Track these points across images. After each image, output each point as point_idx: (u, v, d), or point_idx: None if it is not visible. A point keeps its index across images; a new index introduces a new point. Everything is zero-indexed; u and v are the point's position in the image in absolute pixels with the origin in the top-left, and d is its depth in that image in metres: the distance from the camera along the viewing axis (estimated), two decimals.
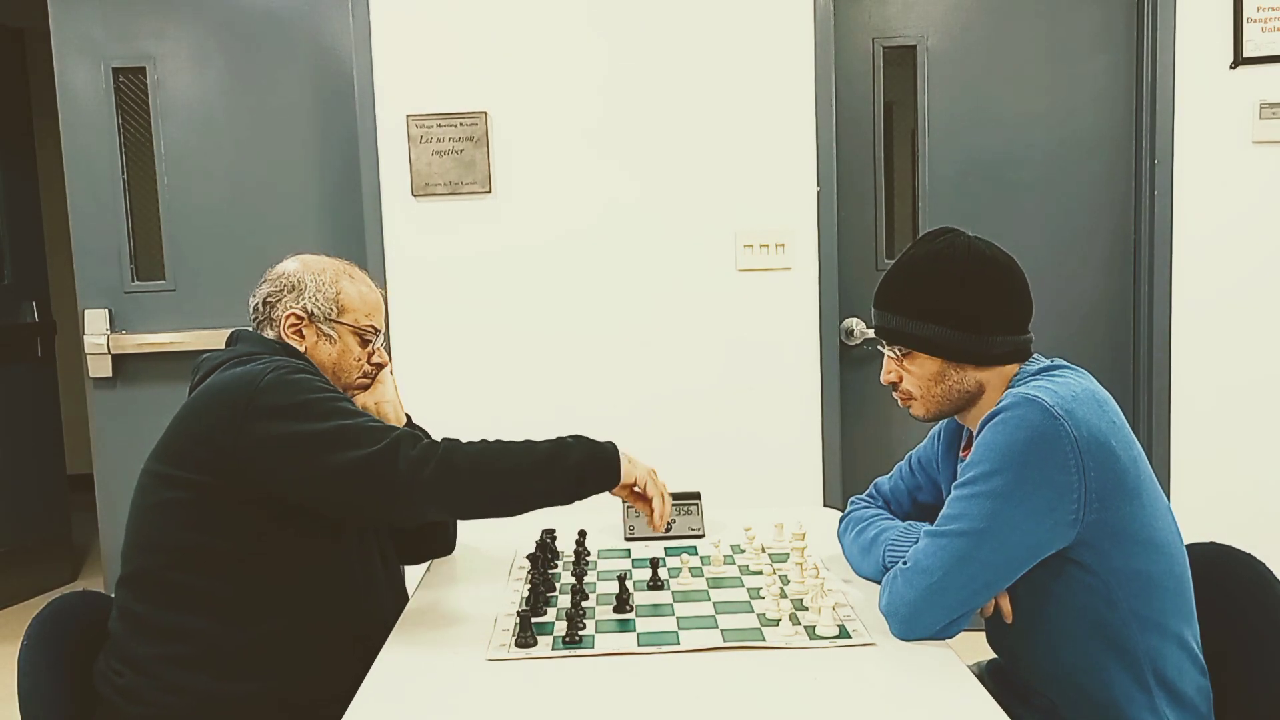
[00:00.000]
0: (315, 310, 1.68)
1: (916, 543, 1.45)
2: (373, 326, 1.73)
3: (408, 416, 1.81)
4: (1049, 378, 1.45)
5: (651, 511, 1.62)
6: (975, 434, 1.45)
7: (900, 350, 1.53)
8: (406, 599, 1.70)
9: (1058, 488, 1.34)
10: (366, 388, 1.76)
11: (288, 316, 1.67)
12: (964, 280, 1.48)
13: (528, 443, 1.53)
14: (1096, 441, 1.35)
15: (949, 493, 1.67)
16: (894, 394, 1.59)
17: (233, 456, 1.48)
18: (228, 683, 1.49)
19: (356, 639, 1.54)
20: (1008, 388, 1.48)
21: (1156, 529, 1.41)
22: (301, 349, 1.67)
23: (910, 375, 1.53)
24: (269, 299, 1.70)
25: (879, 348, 1.59)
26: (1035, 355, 1.53)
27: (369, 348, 1.73)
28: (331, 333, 1.69)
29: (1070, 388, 1.40)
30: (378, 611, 1.62)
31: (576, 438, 1.56)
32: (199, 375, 1.63)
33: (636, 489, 1.60)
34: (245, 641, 1.51)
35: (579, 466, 1.52)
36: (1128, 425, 1.44)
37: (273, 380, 1.50)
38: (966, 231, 1.53)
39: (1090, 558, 1.38)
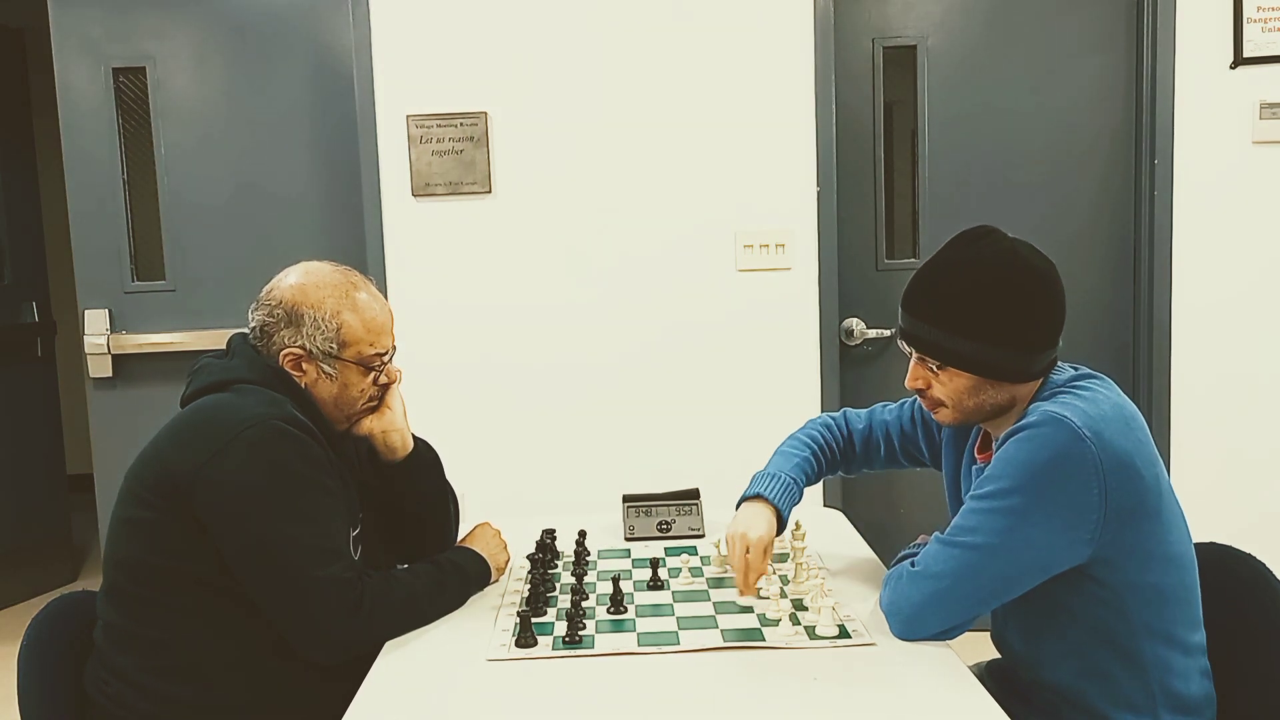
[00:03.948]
0: (314, 349, 1.59)
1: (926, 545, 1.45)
2: (378, 354, 1.63)
3: (414, 437, 1.75)
4: (1077, 392, 1.41)
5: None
6: (997, 442, 1.43)
7: (936, 365, 1.46)
8: None
9: (1077, 509, 1.32)
10: (375, 410, 1.69)
11: (286, 354, 1.59)
12: (1009, 295, 1.40)
13: (432, 571, 1.62)
14: (1121, 463, 1.33)
15: (942, 469, 1.67)
16: (920, 399, 1.54)
17: (189, 498, 1.45)
18: (212, 692, 1.48)
19: None
20: (1034, 397, 1.45)
21: (1172, 542, 1.40)
22: (301, 384, 1.61)
23: (943, 386, 1.47)
24: (266, 327, 1.60)
25: (903, 348, 1.51)
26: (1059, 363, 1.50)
27: (374, 374, 1.65)
28: (332, 370, 1.60)
29: (1099, 405, 1.37)
30: None
31: (454, 559, 1.67)
32: (191, 389, 1.59)
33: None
34: (225, 653, 1.49)
35: (477, 578, 1.68)
36: (1151, 440, 1.41)
37: (252, 438, 1.45)
38: (1006, 232, 1.45)
39: (1104, 572, 1.37)
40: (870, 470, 1.87)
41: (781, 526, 1.66)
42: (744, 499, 1.68)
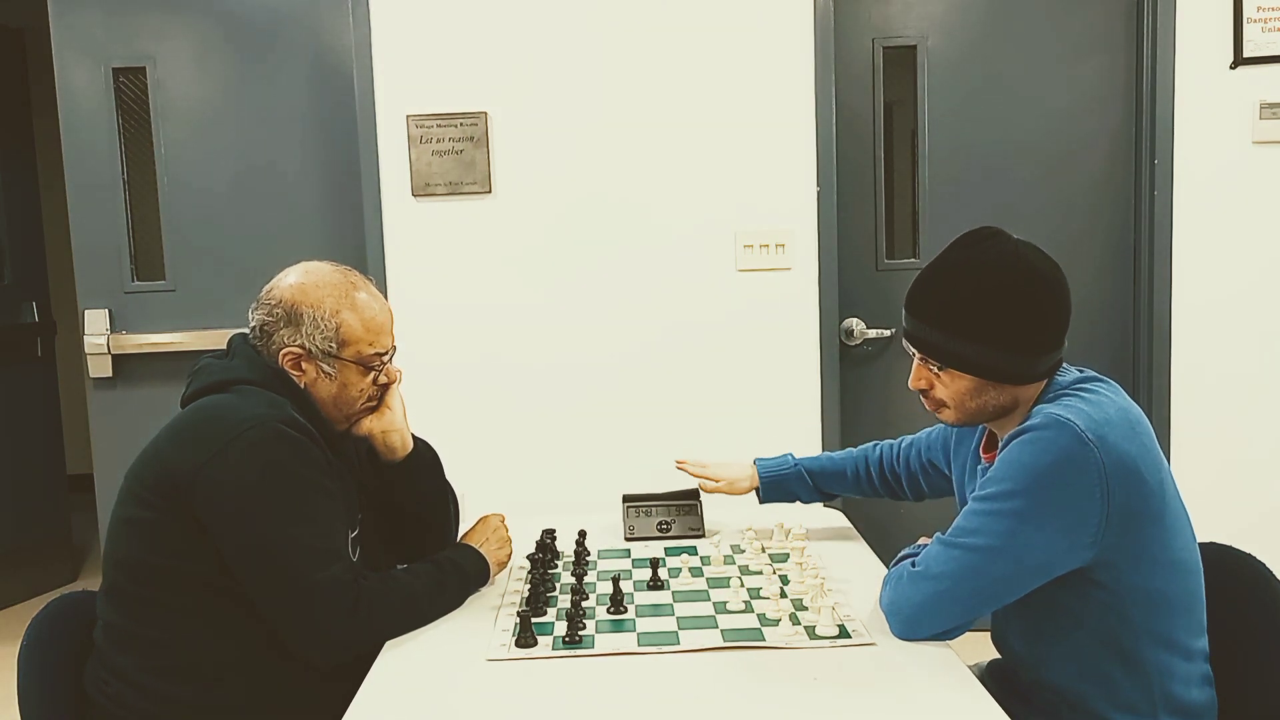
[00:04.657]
0: (314, 348, 1.58)
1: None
2: (377, 354, 1.63)
3: (414, 436, 1.76)
4: (1082, 396, 1.40)
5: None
6: (1001, 443, 1.43)
7: (938, 366, 1.46)
8: None
9: (1079, 513, 1.32)
10: (375, 410, 1.69)
11: (285, 354, 1.59)
12: (1012, 299, 1.39)
13: (431, 571, 1.61)
14: (1125, 467, 1.32)
15: (953, 475, 1.67)
16: (923, 400, 1.53)
17: (189, 498, 1.45)
18: (212, 692, 1.49)
19: None
20: (1039, 399, 1.44)
21: (1176, 548, 1.39)
22: (301, 384, 1.60)
23: (945, 388, 1.47)
24: (265, 327, 1.60)
25: (907, 349, 1.51)
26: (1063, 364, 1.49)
27: (373, 374, 1.64)
28: (331, 370, 1.60)
29: (1104, 408, 1.36)
30: None
31: (453, 559, 1.67)
32: (191, 389, 1.59)
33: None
34: (225, 653, 1.49)
35: (477, 576, 1.68)
36: (1158, 445, 1.40)
37: (252, 439, 1.45)
38: (1010, 234, 1.44)
39: (1107, 576, 1.36)
40: (914, 485, 1.89)
41: (756, 490, 1.95)
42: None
